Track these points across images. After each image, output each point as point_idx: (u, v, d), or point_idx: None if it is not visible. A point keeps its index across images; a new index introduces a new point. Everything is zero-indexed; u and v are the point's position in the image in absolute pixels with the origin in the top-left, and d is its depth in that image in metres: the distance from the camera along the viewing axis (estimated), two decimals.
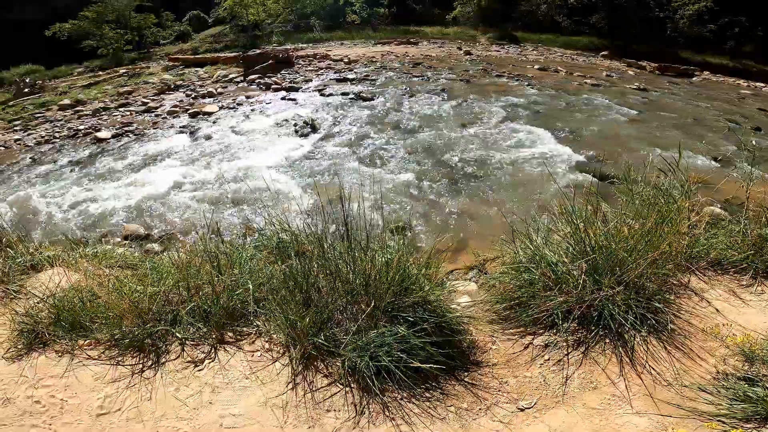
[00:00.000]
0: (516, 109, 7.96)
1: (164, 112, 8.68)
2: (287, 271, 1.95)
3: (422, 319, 1.69)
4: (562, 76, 12.03)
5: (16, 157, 6.83)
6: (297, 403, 1.61)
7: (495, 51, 17.48)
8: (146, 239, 3.95)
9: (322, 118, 7.46)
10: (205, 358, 1.86)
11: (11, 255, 2.76)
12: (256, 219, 4.08)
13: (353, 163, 5.51)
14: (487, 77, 11.27)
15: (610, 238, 1.90)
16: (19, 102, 11.82)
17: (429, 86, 10.02)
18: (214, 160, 5.75)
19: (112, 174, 5.57)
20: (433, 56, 15.11)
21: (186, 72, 14.12)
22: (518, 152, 5.75)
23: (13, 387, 1.82)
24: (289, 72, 12.23)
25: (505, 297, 1.96)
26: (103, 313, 2.03)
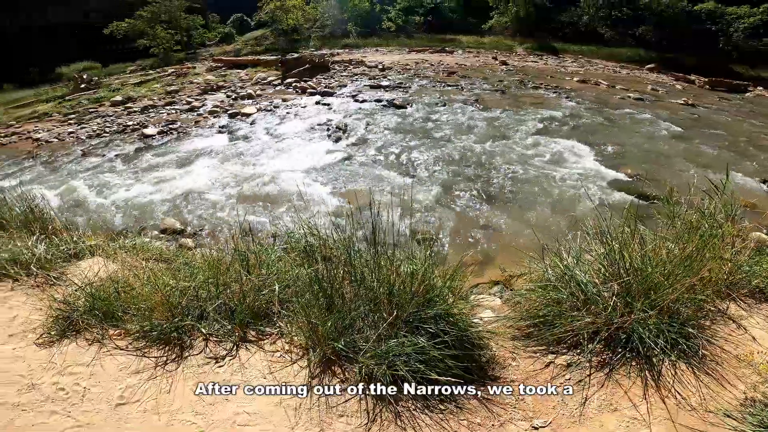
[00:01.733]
0: (552, 123, 7.76)
1: (206, 111, 9.08)
2: (313, 275, 1.95)
3: (443, 331, 1.68)
4: (603, 88, 11.63)
5: (68, 149, 7.34)
6: (310, 405, 1.62)
7: (532, 62, 17.14)
8: (181, 234, 4.11)
9: (354, 124, 7.56)
10: (226, 355, 1.90)
11: (56, 242, 2.88)
12: (286, 220, 4.17)
13: (383, 171, 5.54)
14: (523, 88, 11.07)
15: (647, 261, 1.83)
16: (75, 97, 12.69)
17: (462, 96, 9.95)
18: (249, 161, 5.94)
19: (155, 169, 5.87)
20: (467, 65, 15.02)
21: (228, 73, 14.71)
22: (553, 167, 5.60)
23: (40, 373, 1.89)
24: (324, 77, 12.50)
25: (530, 314, 1.90)
26: (136, 304, 2.09)
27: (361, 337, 1.73)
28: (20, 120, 10.47)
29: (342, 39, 22.91)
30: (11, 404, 1.74)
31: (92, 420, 1.66)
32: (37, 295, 2.42)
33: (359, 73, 12.92)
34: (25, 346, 2.05)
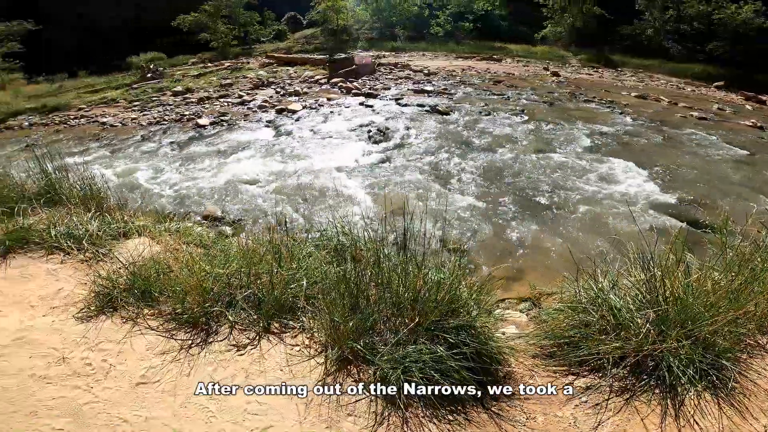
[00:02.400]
0: (603, 139, 7.40)
1: (255, 106, 9.49)
2: (341, 275, 2.00)
3: (463, 342, 1.67)
4: (664, 105, 10.92)
5: (130, 134, 7.94)
6: (321, 402, 1.64)
7: (586, 74, 16.43)
8: (221, 221, 4.32)
9: (395, 128, 7.60)
10: (248, 344, 1.94)
11: (108, 220, 3.07)
12: (320, 217, 4.27)
13: (419, 176, 5.54)
14: (574, 101, 10.63)
15: (689, 290, 1.75)
16: (141, 85, 13.69)
17: (508, 106, 9.73)
18: (290, 156, 6.15)
19: (204, 158, 6.22)
20: (515, 74, 14.65)
21: (278, 70, 15.28)
22: (599, 186, 5.34)
23: (72, 347, 1.99)
24: (369, 78, 12.66)
25: (555, 334, 1.86)
26: (172, 286, 2.19)
27: (380, 340, 1.75)
28: (90, 104, 11.46)
29: (389, 42, 23.02)
30: (38, 376, 1.85)
31: (110, 397, 1.74)
32: (84, 270, 2.57)
33: (404, 77, 12.97)
34: (65, 319, 2.18)
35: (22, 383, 1.80)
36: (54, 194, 3.42)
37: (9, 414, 1.67)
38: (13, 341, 2.04)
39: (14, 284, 2.52)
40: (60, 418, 1.65)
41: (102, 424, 1.62)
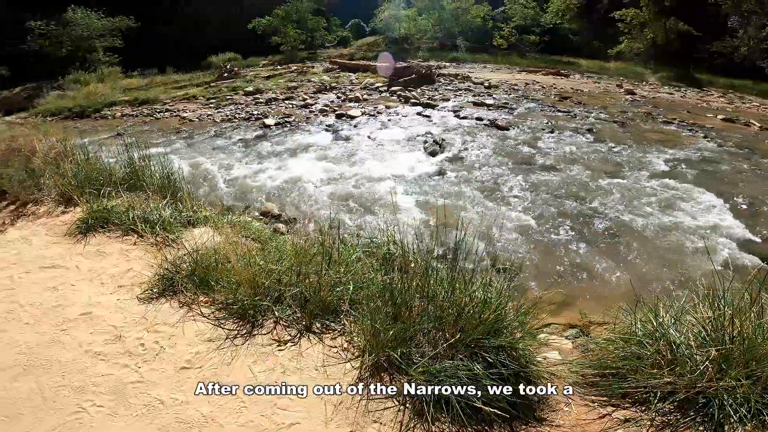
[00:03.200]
0: (681, 165, 6.77)
1: (317, 109, 9.88)
2: (387, 283, 2.01)
3: (502, 363, 1.66)
4: (755, 130, 9.75)
5: (204, 129, 8.61)
6: (349, 405, 1.65)
7: (666, 93, 15.15)
8: (277, 219, 4.52)
9: (452, 140, 7.52)
10: (289, 341, 2.01)
11: (179, 209, 3.33)
12: (371, 224, 4.32)
13: (473, 191, 5.42)
14: (650, 122, 9.84)
15: (760, 331, 1.65)
16: (217, 84, 14.80)
17: (574, 124, 9.23)
18: (347, 160, 6.31)
19: (268, 156, 6.58)
20: (584, 91, 13.88)
21: (341, 75, 15.79)
22: (672, 216, 4.88)
23: (130, 327, 2.14)
24: (428, 88, 12.66)
25: (601, 364, 1.81)
26: (228, 277, 2.31)
27: (417, 351, 1.76)
28: (174, 99, 12.60)
29: (450, 52, 22.76)
30: (94, 352, 1.99)
31: (154, 378, 1.84)
32: (153, 253, 2.78)
33: (464, 89, 12.82)
34: (129, 299, 2.36)
35: (77, 358, 1.96)
36: (136, 180, 3.78)
37: (57, 388, 1.81)
38: (79, 315, 2.25)
39: (90, 260, 2.80)
40: (103, 395, 1.77)
41: (140, 404, 1.72)
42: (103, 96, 13.23)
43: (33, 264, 2.77)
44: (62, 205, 3.57)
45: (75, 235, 3.09)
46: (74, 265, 2.73)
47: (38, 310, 2.29)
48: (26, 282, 2.57)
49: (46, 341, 2.06)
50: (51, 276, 2.62)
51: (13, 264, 2.79)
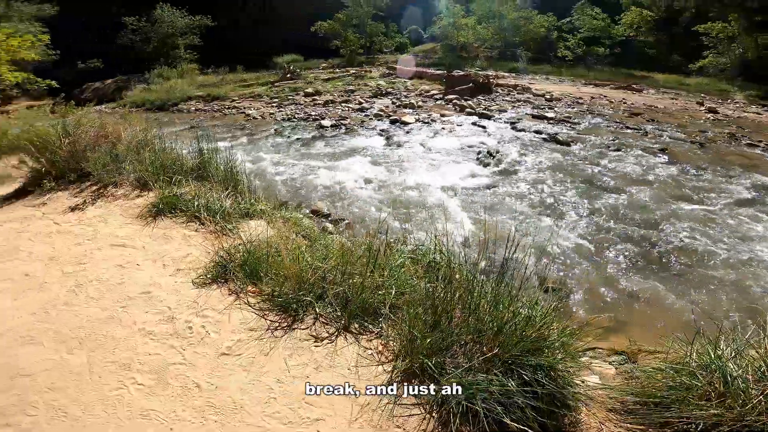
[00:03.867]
0: (766, 193, 6.04)
1: (372, 113, 10.04)
2: (430, 291, 2.01)
3: (538, 382, 1.63)
4: None
5: (266, 126, 9.08)
6: (375, 408, 1.66)
7: (754, 113, 13.59)
8: (326, 218, 4.62)
9: (506, 152, 7.28)
10: (326, 338, 2.04)
11: (239, 200, 3.51)
12: (418, 231, 4.29)
13: (525, 207, 5.20)
14: (734, 144, 8.87)
15: None
16: (280, 84, 15.57)
17: (644, 142, 8.56)
18: (398, 166, 6.33)
19: (322, 156, 6.78)
20: (659, 108, 12.83)
21: (397, 81, 15.94)
22: (749, 248, 4.36)
23: (182, 309, 2.26)
24: (485, 98, 12.39)
25: (645, 392, 1.75)
26: (277, 270, 2.39)
27: (452, 362, 1.76)
28: (242, 97, 13.44)
29: (510, 63, 22.08)
30: (146, 332, 2.12)
31: (195, 361, 1.92)
32: (211, 241, 2.95)
33: (523, 100, 12.38)
34: (185, 282, 2.50)
35: (129, 336, 2.09)
36: (203, 171, 4.04)
37: (105, 364, 1.92)
38: (139, 294, 2.41)
39: (156, 243, 3.00)
40: (146, 374, 1.86)
41: (178, 385, 1.80)
42: (181, 91, 14.43)
43: (105, 241, 3.04)
44: (138, 189, 3.91)
45: (146, 217, 3.36)
46: (141, 246, 2.96)
47: (104, 286, 2.50)
48: (98, 258, 2.82)
49: (106, 317, 2.23)
50: (120, 254, 2.86)
51: (88, 240, 3.09)
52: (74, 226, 3.33)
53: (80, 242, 3.06)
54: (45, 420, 1.66)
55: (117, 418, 1.66)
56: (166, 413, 1.68)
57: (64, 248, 2.98)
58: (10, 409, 1.71)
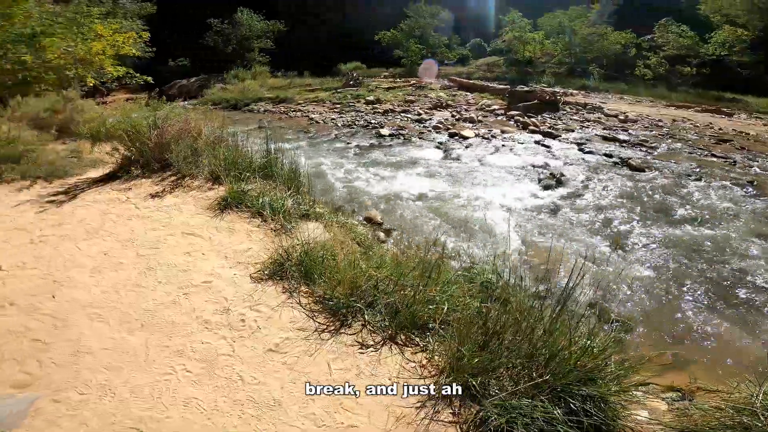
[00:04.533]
0: None
1: (431, 125, 10.01)
2: (483, 311, 1.97)
3: (586, 412, 1.59)
4: None
5: (327, 131, 9.39)
6: (412, 421, 1.64)
7: None
8: (378, 226, 4.64)
9: (571, 175, 6.88)
10: (371, 346, 2.04)
11: (299, 201, 3.65)
12: (471, 249, 4.17)
13: (588, 236, 4.85)
14: None
15: None
16: (343, 91, 16.10)
17: (732, 172, 7.67)
18: (454, 181, 6.22)
19: (378, 164, 6.87)
20: (751, 134, 11.46)
21: (457, 94, 15.80)
22: None
23: (238, 302, 2.35)
24: (551, 116, 11.86)
25: (696, 429, 1.69)
26: (331, 274, 2.45)
27: (497, 384, 1.73)
28: (306, 101, 14.09)
29: (580, 80, 20.93)
30: (202, 320, 2.21)
31: (243, 355, 1.98)
32: (271, 238, 3.07)
33: (593, 120, 11.67)
34: (243, 275, 2.61)
35: (187, 323, 2.20)
36: (269, 170, 4.25)
37: (160, 348, 2.02)
38: (202, 283, 2.54)
39: (222, 234, 3.18)
40: (196, 362, 1.93)
41: (223, 376, 1.86)
42: (253, 92, 15.45)
43: (178, 229, 3.28)
44: (210, 182, 4.20)
45: (215, 209, 3.59)
46: (208, 236, 3.15)
47: (171, 272, 2.68)
48: (169, 244, 3.05)
49: (169, 302, 2.38)
50: (189, 242, 3.07)
51: (163, 226, 3.35)
52: (153, 212, 3.63)
53: (156, 228, 3.33)
54: (94, 398, 1.77)
55: (161, 404, 1.74)
56: (207, 403, 1.74)
57: (141, 232, 3.26)
58: (64, 384, 1.83)
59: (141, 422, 1.66)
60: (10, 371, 1.91)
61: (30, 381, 1.86)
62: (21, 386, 1.83)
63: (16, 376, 1.88)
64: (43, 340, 2.09)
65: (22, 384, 1.84)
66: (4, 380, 1.87)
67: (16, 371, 1.91)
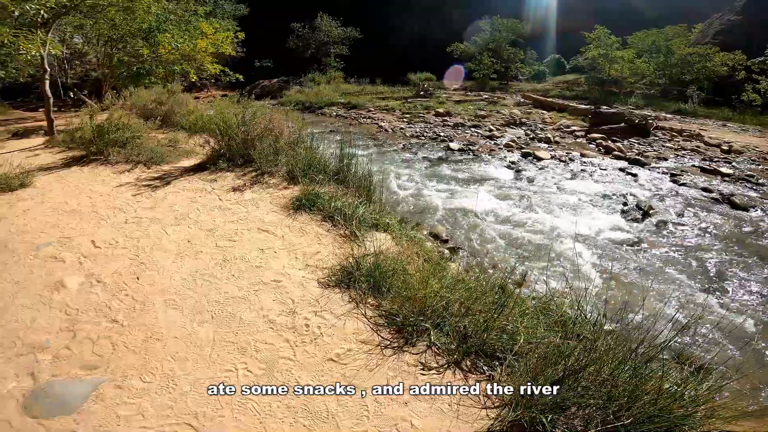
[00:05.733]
0: None
1: (502, 143, 9.62)
2: (562, 347, 1.89)
3: None
4: None
5: (395, 140, 9.43)
6: None
7: None
8: (444, 243, 4.49)
9: (662, 209, 6.18)
10: (434, 368, 1.95)
11: (370, 209, 3.63)
12: (544, 277, 3.87)
13: (680, 274, 4.29)
14: None
15: None
16: (413, 101, 16.19)
17: None
18: (526, 204, 5.87)
19: (446, 179, 6.71)
20: None
21: (532, 112, 15.11)
22: None
23: (304, 305, 2.36)
24: (639, 142, 10.83)
25: None
26: (399, 288, 2.39)
27: (566, 422, 1.62)
28: (377, 108, 14.35)
29: (675, 103, 18.92)
30: (268, 319, 2.23)
31: (303, 360, 1.95)
32: (340, 243, 3.09)
33: (689, 149, 10.46)
34: (311, 279, 2.62)
35: (254, 321, 2.22)
36: (342, 175, 4.32)
37: (225, 344, 2.05)
38: (271, 281, 2.58)
39: (293, 234, 3.25)
40: (257, 362, 1.92)
41: (281, 380, 1.84)
42: (327, 96, 16.12)
43: (254, 224, 3.42)
44: (286, 181, 4.36)
45: (289, 209, 3.71)
46: (281, 235, 3.24)
47: (244, 266, 2.77)
48: (245, 238, 3.18)
49: (239, 296, 2.44)
50: (263, 238, 3.18)
51: (241, 220, 3.51)
52: (233, 204, 3.84)
53: (234, 220, 3.50)
54: (155, 388, 1.81)
55: (217, 401, 1.75)
56: (262, 406, 1.73)
57: (222, 223, 3.44)
58: (130, 370, 1.91)
59: (195, 418, 1.68)
60: (84, 351, 2.02)
61: (99, 363, 1.95)
62: (90, 368, 1.92)
63: (87, 357, 1.99)
64: (121, 322, 2.22)
65: (91, 366, 1.93)
66: (76, 360, 1.97)
67: (89, 352, 2.02)
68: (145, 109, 7.76)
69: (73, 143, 5.99)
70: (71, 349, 2.03)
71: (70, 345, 2.06)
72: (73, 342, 2.08)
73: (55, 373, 1.88)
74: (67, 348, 2.04)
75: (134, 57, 9.89)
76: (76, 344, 2.06)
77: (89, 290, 2.50)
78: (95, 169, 5.01)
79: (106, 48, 10.55)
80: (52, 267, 2.75)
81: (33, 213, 3.64)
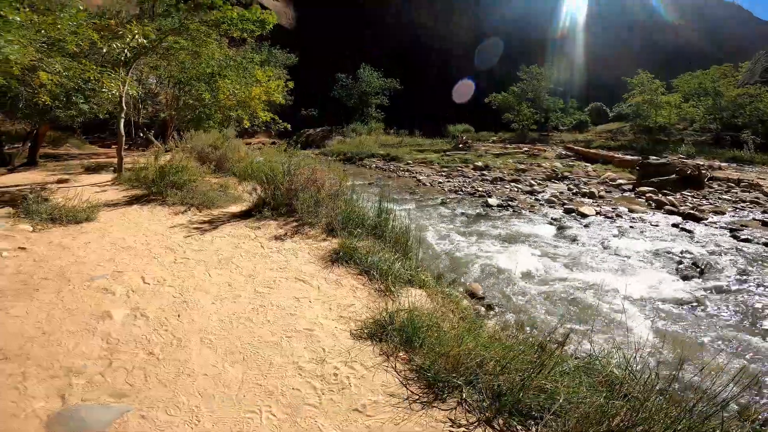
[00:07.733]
0: None
1: (543, 198, 9.43)
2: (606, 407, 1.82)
3: None
4: None
5: (433, 195, 9.57)
6: None
7: None
8: (480, 300, 4.36)
9: (721, 266, 5.66)
10: (463, 426, 1.88)
11: (406, 265, 3.64)
12: (593, 339, 3.61)
13: (741, 335, 3.86)
14: None
15: None
16: (452, 154, 16.52)
17: None
18: (569, 263, 5.62)
19: (484, 236, 6.64)
20: None
21: (575, 164, 14.81)
22: None
23: (334, 355, 2.36)
24: (693, 194, 10.22)
25: None
26: (433, 344, 2.37)
27: None
28: (415, 161, 14.77)
29: (730, 150, 17.75)
30: (297, 366, 2.24)
31: (328, 409, 1.93)
32: (374, 297, 3.12)
33: (749, 201, 9.70)
34: (344, 330, 2.65)
35: (284, 365, 2.24)
36: (379, 229, 4.43)
37: (253, 386, 2.07)
38: (304, 329, 2.63)
39: (329, 286, 3.31)
40: (282, 407, 1.92)
41: (304, 426, 1.81)
42: (367, 147, 16.87)
43: (292, 273, 3.54)
44: (326, 233, 4.53)
45: (326, 260, 3.82)
46: (317, 286, 3.33)
47: (279, 313, 2.85)
48: (283, 286, 3.29)
49: (272, 342, 2.50)
50: (299, 288, 3.27)
51: (280, 268, 3.65)
52: (274, 252, 4.03)
53: (274, 268, 3.65)
54: (179, 422, 1.84)
55: None
56: None
57: (262, 270, 3.60)
58: (158, 402, 1.96)
59: None
60: (117, 379, 2.11)
61: (129, 392, 2.02)
62: (119, 396, 1.99)
63: (119, 386, 2.07)
64: (157, 355, 2.32)
65: (121, 394, 2.00)
66: (107, 387, 2.05)
67: (122, 380, 2.10)
68: (202, 152, 8.38)
69: (137, 182, 6.60)
70: (105, 376, 2.13)
71: (105, 372, 2.16)
72: (108, 369, 2.18)
73: (84, 398, 1.96)
74: (101, 375, 2.14)
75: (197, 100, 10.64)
76: (110, 372, 2.16)
77: (132, 323, 2.65)
78: (154, 208, 5.47)
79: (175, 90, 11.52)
80: (102, 298, 2.95)
81: (93, 246, 3.97)
